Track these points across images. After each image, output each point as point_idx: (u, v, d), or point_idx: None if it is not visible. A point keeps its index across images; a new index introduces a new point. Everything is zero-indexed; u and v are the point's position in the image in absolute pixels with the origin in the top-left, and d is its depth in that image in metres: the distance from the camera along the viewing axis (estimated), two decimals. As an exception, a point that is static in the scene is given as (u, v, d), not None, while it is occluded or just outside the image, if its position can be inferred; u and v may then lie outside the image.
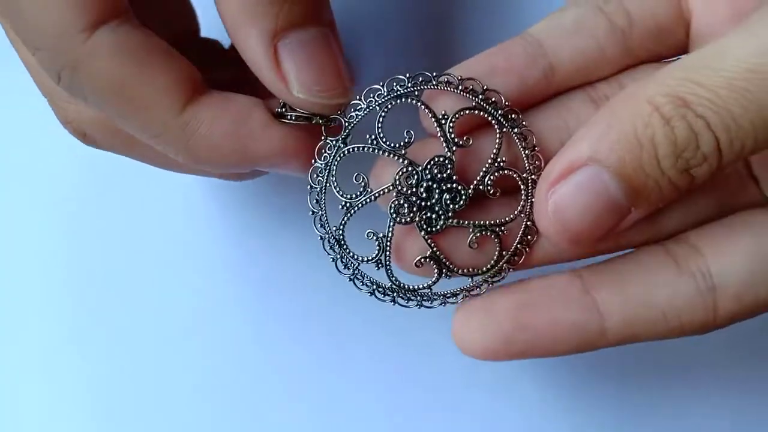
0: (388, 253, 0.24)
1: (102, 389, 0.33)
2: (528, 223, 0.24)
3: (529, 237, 0.24)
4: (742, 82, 0.19)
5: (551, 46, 0.24)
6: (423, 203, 0.23)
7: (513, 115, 0.24)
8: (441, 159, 0.23)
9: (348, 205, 0.24)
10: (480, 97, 0.24)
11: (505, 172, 0.24)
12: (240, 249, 0.34)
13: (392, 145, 0.24)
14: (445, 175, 0.23)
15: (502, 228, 0.24)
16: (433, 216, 0.24)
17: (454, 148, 0.23)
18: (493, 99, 0.24)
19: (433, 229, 0.24)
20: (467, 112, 0.24)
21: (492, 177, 0.24)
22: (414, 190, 0.23)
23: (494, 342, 0.23)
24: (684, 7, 0.25)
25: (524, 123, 0.24)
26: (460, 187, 0.23)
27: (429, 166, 0.23)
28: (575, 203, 0.21)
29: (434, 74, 0.24)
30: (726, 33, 0.20)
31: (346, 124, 0.24)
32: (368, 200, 0.24)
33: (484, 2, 0.32)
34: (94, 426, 0.33)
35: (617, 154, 0.20)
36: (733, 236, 0.23)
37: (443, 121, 0.23)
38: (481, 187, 0.24)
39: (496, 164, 0.24)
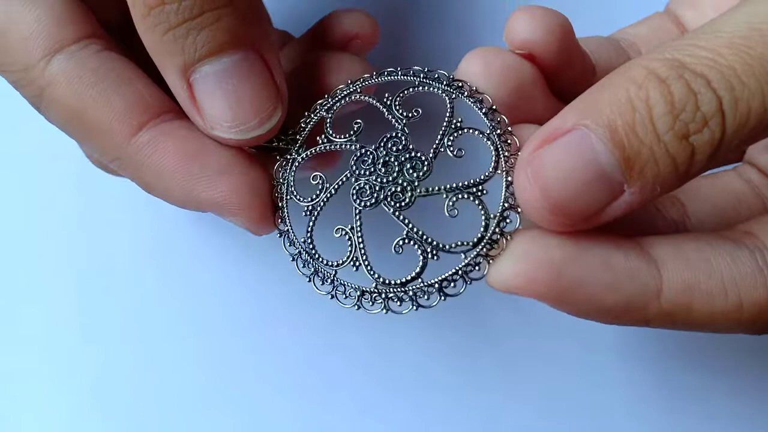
0: (362, 247, 0.21)
1: (97, 393, 0.33)
2: (510, 178, 0.21)
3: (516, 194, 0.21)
4: (744, 39, 0.18)
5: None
6: (385, 180, 0.21)
7: (459, 83, 0.23)
8: (392, 133, 0.22)
9: (310, 207, 0.22)
10: (421, 76, 0.23)
11: (464, 131, 0.22)
12: (235, 252, 0.33)
13: (343, 137, 0.23)
14: (401, 146, 0.22)
15: (480, 188, 0.21)
16: (399, 189, 0.21)
17: (404, 121, 0.22)
18: (437, 75, 0.23)
19: (402, 203, 0.21)
20: (411, 90, 0.23)
21: (450, 138, 0.22)
22: (372, 169, 0.22)
23: (542, 269, 0.19)
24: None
25: (474, 88, 0.23)
26: (419, 154, 0.22)
27: (382, 143, 0.22)
28: (559, 166, 0.18)
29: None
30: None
31: (297, 136, 0.23)
32: (329, 196, 0.22)
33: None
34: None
35: (607, 117, 0.18)
36: None
37: (388, 103, 0.23)
38: (441, 149, 0.22)
39: (452, 126, 0.22)
